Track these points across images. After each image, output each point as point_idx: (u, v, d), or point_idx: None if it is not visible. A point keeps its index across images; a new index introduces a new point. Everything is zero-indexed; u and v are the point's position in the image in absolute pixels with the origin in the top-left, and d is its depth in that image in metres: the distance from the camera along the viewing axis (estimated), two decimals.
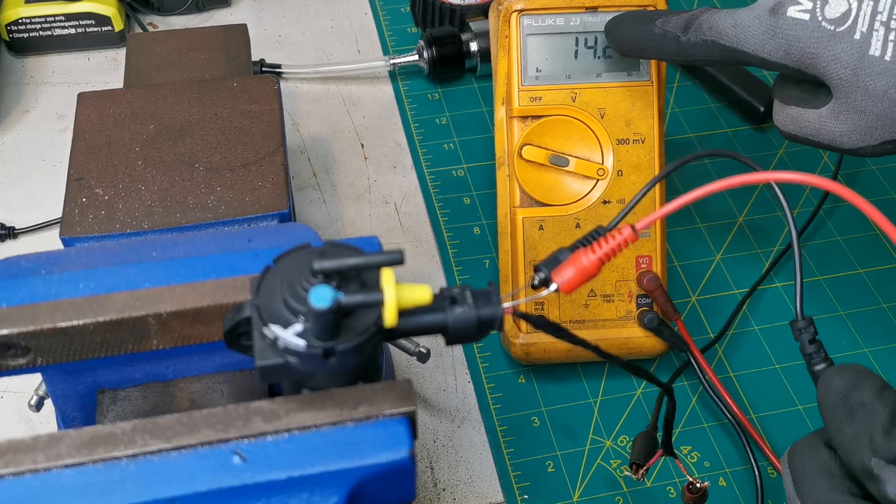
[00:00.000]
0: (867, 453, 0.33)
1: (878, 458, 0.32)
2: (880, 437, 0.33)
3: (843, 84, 0.41)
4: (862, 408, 0.34)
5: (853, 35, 0.40)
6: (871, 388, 0.34)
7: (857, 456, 0.33)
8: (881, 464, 0.32)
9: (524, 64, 0.52)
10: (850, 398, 0.34)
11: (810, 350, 0.37)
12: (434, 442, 0.51)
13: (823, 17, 0.41)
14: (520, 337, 0.52)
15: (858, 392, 0.34)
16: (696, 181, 0.63)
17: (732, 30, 0.43)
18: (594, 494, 0.49)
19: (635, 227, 0.36)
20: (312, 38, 0.73)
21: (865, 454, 0.33)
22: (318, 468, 0.31)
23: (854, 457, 0.33)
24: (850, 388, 0.34)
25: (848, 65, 0.40)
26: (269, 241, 0.39)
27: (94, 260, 0.38)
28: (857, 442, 0.33)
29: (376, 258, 0.31)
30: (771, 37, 0.42)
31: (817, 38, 0.41)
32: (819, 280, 0.59)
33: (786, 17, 0.42)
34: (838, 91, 0.41)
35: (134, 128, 0.48)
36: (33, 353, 0.35)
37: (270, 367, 0.31)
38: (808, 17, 0.41)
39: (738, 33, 0.43)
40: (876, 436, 0.33)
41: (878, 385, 0.34)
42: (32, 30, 0.68)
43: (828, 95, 0.43)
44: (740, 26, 0.43)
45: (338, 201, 0.62)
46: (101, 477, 0.31)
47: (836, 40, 0.40)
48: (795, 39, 0.42)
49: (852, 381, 0.34)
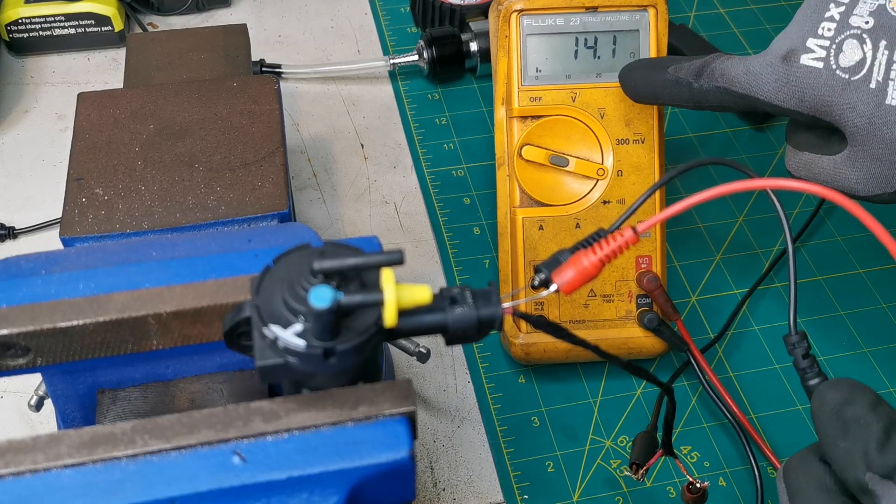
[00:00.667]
0: (861, 468, 0.33)
1: (872, 472, 0.32)
2: (874, 451, 0.33)
3: (858, 132, 0.41)
4: (856, 422, 0.34)
5: (869, 84, 0.40)
6: (864, 403, 0.34)
7: (851, 471, 0.33)
8: (875, 479, 0.32)
9: (524, 64, 0.52)
10: (844, 413, 0.34)
11: (804, 365, 0.38)
12: (434, 442, 0.51)
13: (838, 65, 0.40)
14: (520, 337, 0.52)
15: (852, 406, 0.34)
16: (698, 183, 0.63)
17: (745, 77, 0.43)
18: (594, 494, 0.49)
19: (636, 229, 0.36)
20: (312, 38, 0.73)
21: (860, 469, 0.33)
22: (318, 468, 0.31)
23: (848, 472, 0.33)
24: (843, 402, 0.34)
25: (864, 113, 0.40)
26: (268, 241, 0.39)
27: (94, 260, 0.38)
28: (852, 457, 0.33)
29: (376, 258, 0.31)
30: (784, 84, 0.42)
31: (832, 86, 0.41)
32: (819, 280, 0.59)
33: (799, 65, 0.41)
34: (854, 139, 0.41)
35: (134, 128, 0.48)
36: (33, 353, 0.35)
37: (270, 367, 0.31)
38: (822, 65, 0.41)
39: (751, 80, 0.43)
40: (870, 451, 0.33)
41: (871, 399, 0.34)
42: (32, 30, 0.68)
43: (842, 142, 0.42)
44: (752, 74, 0.43)
45: (338, 201, 0.62)
46: (101, 477, 0.31)
47: (851, 89, 0.40)
48: (809, 88, 0.41)
49: (846, 395, 0.34)
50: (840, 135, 0.42)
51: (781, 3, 0.77)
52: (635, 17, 0.52)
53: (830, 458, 0.34)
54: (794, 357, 0.38)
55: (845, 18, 0.41)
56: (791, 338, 0.38)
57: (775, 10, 0.76)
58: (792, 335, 0.38)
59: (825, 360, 0.55)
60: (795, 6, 0.76)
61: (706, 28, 0.75)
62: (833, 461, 0.34)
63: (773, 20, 0.76)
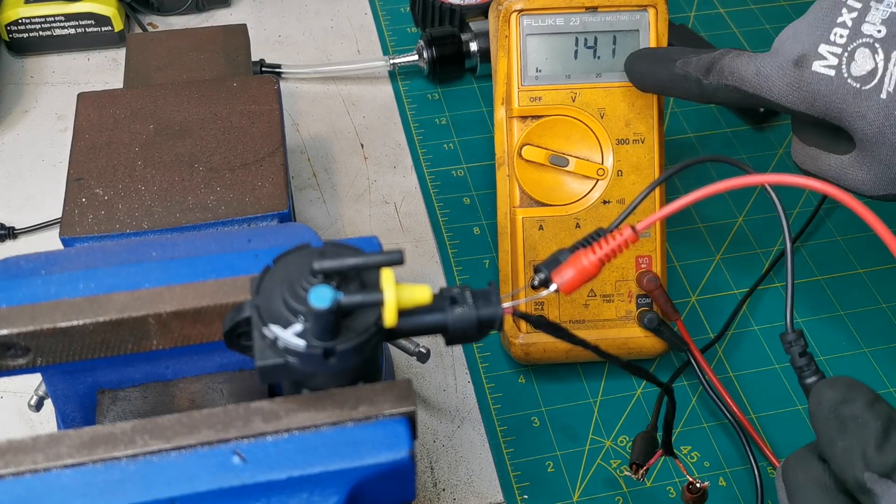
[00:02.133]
0: (860, 467, 0.33)
1: (871, 471, 0.32)
2: (873, 450, 0.32)
3: (867, 139, 0.41)
4: (853, 421, 0.33)
5: (880, 94, 0.40)
6: (862, 401, 0.34)
7: (849, 470, 0.33)
8: (874, 477, 0.32)
9: (524, 64, 0.52)
10: (842, 411, 0.34)
11: (801, 363, 0.38)
12: (434, 442, 0.51)
13: (849, 73, 0.40)
14: (520, 337, 0.52)
15: (850, 405, 0.34)
16: (697, 182, 0.63)
17: (755, 78, 0.43)
18: (594, 494, 0.49)
19: (636, 228, 0.36)
20: (312, 38, 0.73)
21: (858, 468, 0.33)
22: (318, 468, 0.31)
23: (847, 471, 0.33)
24: (841, 401, 0.34)
25: (874, 122, 0.40)
26: (268, 241, 0.39)
27: (94, 260, 0.38)
28: (850, 455, 0.33)
29: (376, 258, 0.31)
30: (795, 89, 0.42)
31: (843, 94, 0.41)
32: (819, 280, 0.59)
33: (810, 70, 0.41)
34: (863, 144, 0.41)
35: (134, 128, 0.48)
36: (33, 353, 0.35)
37: (270, 367, 0.31)
38: (834, 73, 0.41)
39: (761, 82, 0.43)
40: (868, 450, 0.33)
41: (869, 397, 0.34)
42: (32, 30, 0.68)
43: (850, 143, 0.42)
44: (763, 75, 0.43)
45: (338, 201, 0.62)
46: (101, 477, 0.31)
47: (862, 98, 0.40)
48: (820, 94, 0.41)
49: (843, 393, 0.34)
50: (848, 135, 0.42)
51: (781, 3, 0.77)
52: (635, 17, 0.52)
53: (829, 456, 0.34)
54: (790, 355, 0.38)
55: (858, 26, 0.41)
56: (788, 336, 0.38)
57: (775, 10, 0.76)
58: (788, 333, 0.38)
59: (825, 359, 0.55)
60: (795, 6, 0.77)
61: (706, 28, 0.75)
62: (831, 460, 0.34)
63: (773, 20, 0.76)
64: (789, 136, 0.67)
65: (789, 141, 0.67)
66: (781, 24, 0.75)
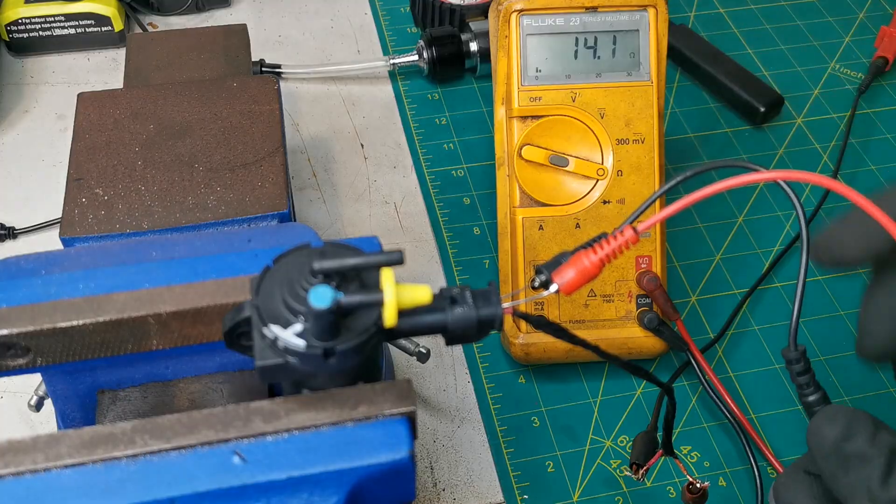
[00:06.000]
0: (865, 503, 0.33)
1: None
2: (877, 486, 0.32)
3: None
4: (857, 458, 0.33)
5: None
6: (864, 436, 0.33)
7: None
8: None
9: (524, 64, 0.52)
10: (844, 449, 0.34)
11: (802, 381, 0.37)
12: (434, 442, 0.51)
13: None
14: (520, 337, 0.52)
15: (851, 442, 0.34)
16: (697, 182, 0.63)
17: None
18: (594, 494, 0.49)
19: (637, 229, 0.36)
20: (312, 38, 0.73)
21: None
22: (318, 468, 0.31)
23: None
24: (842, 438, 0.34)
25: None
26: (268, 241, 0.39)
27: (94, 260, 0.38)
28: (854, 492, 0.33)
29: (376, 258, 0.31)
30: None
31: None
32: (819, 280, 0.59)
33: None
34: None
35: (134, 128, 0.48)
36: (33, 353, 0.35)
37: (270, 367, 0.31)
38: None
39: None
40: (873, 486, 0.33)
41: (870, 430, 0.34)
42: (32, 30, 0.68)
43: None
44: None
45: (338, 201, 0.62)
46: (101, 477, 0.31)
47: None
48: None
49: (844, 430, 0.34)
50: None
51: (781, 3, 0.77)
52: (635, 17, 0.52)
53: (835, 492, 0.34)
54: (790, 372, 0.37)
55: None
56: (790, 353, 0.37)
57: (775, 10, 0.76)
58: (791, 350, 0.37)
59: (825, 359, 0.55)
60: (796, 6, 0.76)
61: (706, 28, 0.75)
62: (838, 494, 0.34)
63: (773, 20, 0.75)
64: (789, 136, 0.67)
65: (789, 141, 0.67)
66: (781, 24, 0.75)
